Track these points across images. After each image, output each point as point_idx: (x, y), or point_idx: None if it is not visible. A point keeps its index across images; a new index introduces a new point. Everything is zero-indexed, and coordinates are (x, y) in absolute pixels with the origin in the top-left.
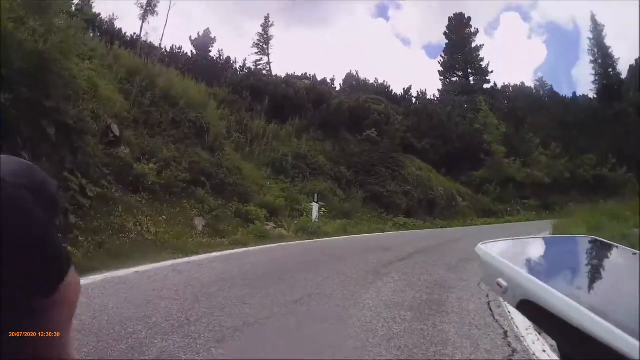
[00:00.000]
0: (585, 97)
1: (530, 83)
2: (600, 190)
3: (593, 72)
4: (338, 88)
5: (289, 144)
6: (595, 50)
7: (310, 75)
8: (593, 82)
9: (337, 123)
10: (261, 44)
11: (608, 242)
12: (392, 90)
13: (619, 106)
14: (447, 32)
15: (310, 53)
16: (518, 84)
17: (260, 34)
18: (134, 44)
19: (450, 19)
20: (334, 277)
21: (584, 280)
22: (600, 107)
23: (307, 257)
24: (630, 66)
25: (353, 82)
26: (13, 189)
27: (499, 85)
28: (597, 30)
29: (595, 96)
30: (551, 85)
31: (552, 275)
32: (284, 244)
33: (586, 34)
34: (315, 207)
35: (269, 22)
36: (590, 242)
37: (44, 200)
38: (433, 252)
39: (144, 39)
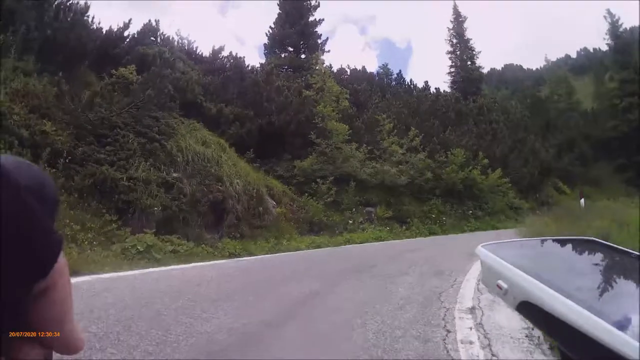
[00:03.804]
0: (441, 91)
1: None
2: (469, 199)
3: (451, 62)
4: None
5: None
6: (455, 41)
7: None
8: (448, 74)
9: (80, 52)
10: None
11: (607, 243)
12: (197, 49)
13: (482, 100)
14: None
15: None
16: (359, 68)
17: None
18: None
19: None
20: None
21: (583, 282)
22: (462, 98)
23: None
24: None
25: (150, 36)
26: (12, 188)
27: (335, 69)
28: (458, 20)
29: (450, 89)
30: (400, 71)
31: (551, 276)
32: None
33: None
34: None
35: None
36: (589, 243)
37: (44, 200)
38: None
39: None
